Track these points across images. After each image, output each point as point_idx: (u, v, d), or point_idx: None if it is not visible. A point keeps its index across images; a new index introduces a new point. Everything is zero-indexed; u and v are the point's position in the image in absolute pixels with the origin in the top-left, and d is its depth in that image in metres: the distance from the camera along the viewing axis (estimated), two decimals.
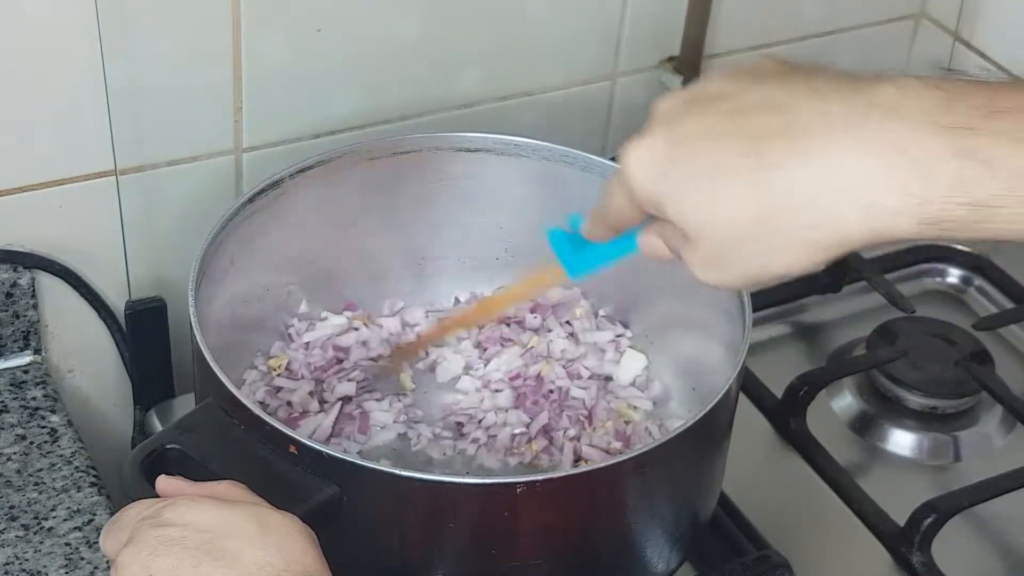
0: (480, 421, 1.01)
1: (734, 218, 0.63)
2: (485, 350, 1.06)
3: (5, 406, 1.04)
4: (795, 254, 0.63)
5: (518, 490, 0.81)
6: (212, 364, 0.85)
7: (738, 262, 0.65)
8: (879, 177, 0.60)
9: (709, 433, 0.89)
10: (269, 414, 0.97)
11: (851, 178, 0.60)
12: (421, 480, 0.81)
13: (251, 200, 0.98)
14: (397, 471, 0.81)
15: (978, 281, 1.26)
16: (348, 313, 1.07)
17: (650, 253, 0.73)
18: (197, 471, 0.82)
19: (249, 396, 0.99)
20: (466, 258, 1.09)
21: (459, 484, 0.82)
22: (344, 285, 1.08)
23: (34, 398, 1.04)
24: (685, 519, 0.92)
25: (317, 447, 0.81)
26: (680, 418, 1.00)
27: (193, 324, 0.88)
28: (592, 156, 1.02)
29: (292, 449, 0.81)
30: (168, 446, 0.83)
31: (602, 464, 0.86)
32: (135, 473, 0.81)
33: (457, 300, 1.10)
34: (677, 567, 0.93)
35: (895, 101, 0.61)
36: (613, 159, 1.02)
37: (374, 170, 1.03)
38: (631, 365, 1.05)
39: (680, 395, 1.04)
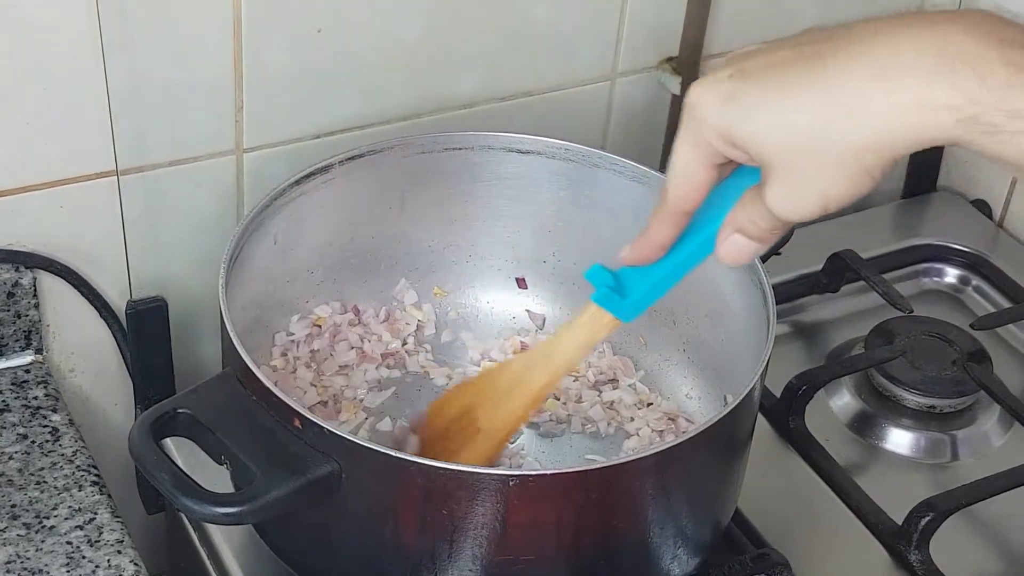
0: None
1: (802, 128, 0.65)
2: None
3: (7, 405, 1.04)
4: (861, 159, 0.65)
5: (511, 483, 0.81)
6: (232, 334, 0.87)
7: (813, 177, 0.67)
8: (936, 72, 0.62)
9: (717, 442, 0.89)
10: (291, 372, 1.02)
11: (907, 74, 0.63)
12: (416, 464, 0.81)
13: (298, 183, 0.99)
14: (393, 452, 0.82)
15: (976, 281, 1.27)
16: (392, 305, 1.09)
17: (732, 252, 0.73)
18: (205, 436, 0.84)
19: (279, 355, 1.03)
20: (513, 260, 1.10)
21: (452, 471, 0.82)
22: (387, 275, 1.09)
23: (35, 397, 1.05)
24: (693, 526, 0.91)
25: (319, 423, 0.82)
26: None
27: (221, 296, 0.89)
28: (643, 167, 1.03)
29: (296, 423, 0.83)
30: (179, 410, 0.85)
31: (597, 466, 0.86)
32: (144, 434, 0.83)
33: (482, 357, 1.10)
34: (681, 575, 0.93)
35: (945, 15, 0.64)
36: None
37: (424, 163, 1.05)
38: None
39: (713, 407, 1.04)
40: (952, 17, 0.64)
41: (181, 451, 0.94)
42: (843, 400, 1.13)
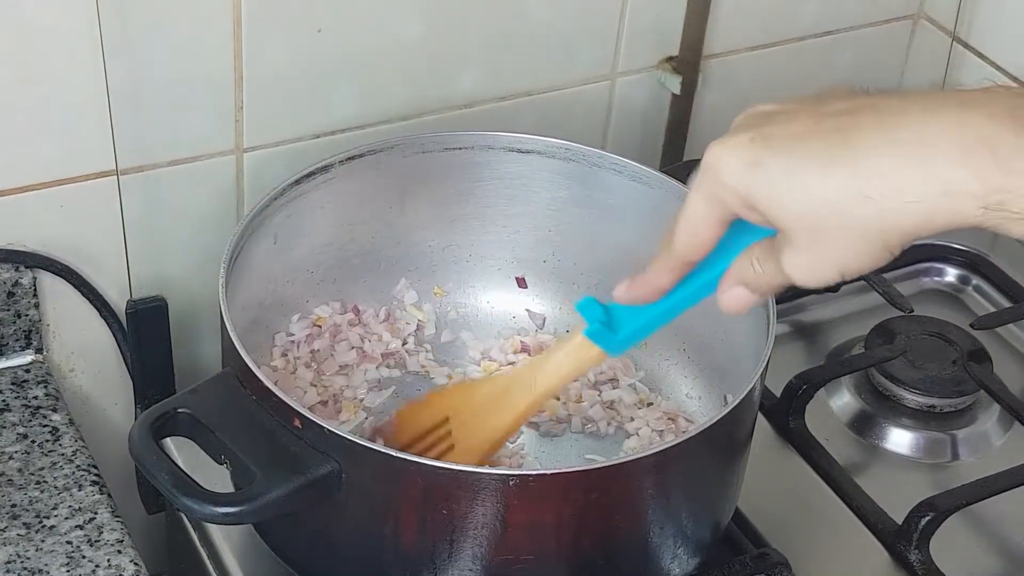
0: None
1: (827, 204, 0.65)
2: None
3: (7, 405, 1.04)
4: (884, 239, 0.65)
5: (511, 483, 0.81)
6: (232, 334, 0.87)
7: (834, 250, 0.67)
8: (959, 161, 0.62)
9: (717, 442, 0.89)
10: (291, 371, 1.02)
11: (932, 162, 0.63)
12: (416, 464, 0.81)
13: (298, 182, 0.99)
14: (392, 452, 0.82)
15: (976, 280, 1.27)
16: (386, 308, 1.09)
17: (734, 303, 0.74)
18: (205, 436, 0.84)
19: (278, 356, 1.03)
20: (513, 259, 1.11)
21: (452, 471, 0.82)
22: (387, 275, 1.09)
23: (35, 397, 1.05)
24: (693, 526, 0.91)
25: (319, 422, 0.82)
26: None
27: (221, 296, 0.89)
28: (643, 166, 1.03)
29: (296, 423, 0.83)
30: (179, 410, 0.86)
31: (597, 465, 0.86)
32: (144, 434, 0.84)
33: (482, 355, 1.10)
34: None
35: (969, 96, 0.64)
36: (667, 172, 1.03)
37: (424, 163, 1.05)
38: None
39: (713, 407, 1.04)
40: (980, 97, 0.64)
41: (181, 451, 0.94)
42: (843, 400, 1.13)
